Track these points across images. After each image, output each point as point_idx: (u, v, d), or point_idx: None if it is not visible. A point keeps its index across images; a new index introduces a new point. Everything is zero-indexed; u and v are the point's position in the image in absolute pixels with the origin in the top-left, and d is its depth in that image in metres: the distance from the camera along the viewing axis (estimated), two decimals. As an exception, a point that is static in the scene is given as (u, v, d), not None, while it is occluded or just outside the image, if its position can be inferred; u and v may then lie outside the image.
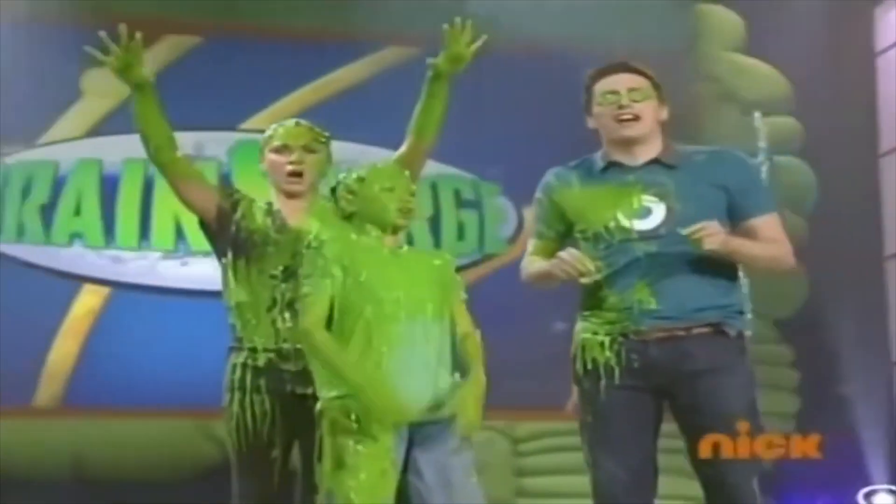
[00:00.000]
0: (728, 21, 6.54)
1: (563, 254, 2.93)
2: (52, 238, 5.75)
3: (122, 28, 2.95)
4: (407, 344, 2.74)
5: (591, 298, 3.01)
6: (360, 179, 2.84)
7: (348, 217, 2.86)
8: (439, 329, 2.79)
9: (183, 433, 5.66)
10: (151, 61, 5.91)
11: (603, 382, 2.96)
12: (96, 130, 5.97)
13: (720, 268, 2.96)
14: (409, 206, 2.83)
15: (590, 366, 2.99)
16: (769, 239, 3.00)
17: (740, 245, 2.95)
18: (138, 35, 2.96)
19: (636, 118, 2.98)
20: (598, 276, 2.93)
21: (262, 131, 3.25)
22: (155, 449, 5.55)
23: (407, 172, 2.91)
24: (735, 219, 3.01)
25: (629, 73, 3.02)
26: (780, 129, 6.52)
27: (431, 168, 6.17)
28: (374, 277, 2.76)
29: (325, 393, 2.76)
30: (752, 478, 2.91)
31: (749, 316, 6.05)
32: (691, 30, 6.49)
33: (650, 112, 2.99)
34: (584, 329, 3.02)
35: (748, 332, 3.04)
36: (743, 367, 2.96)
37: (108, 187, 5.88)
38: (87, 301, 5.75)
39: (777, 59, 6.44)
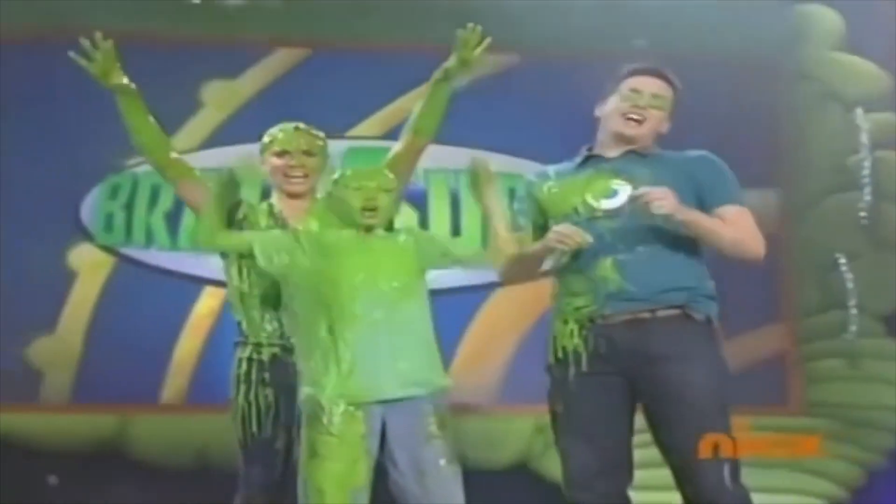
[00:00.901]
0: (828, 19, 6.53)
1: (557, 227, 2.96)
2: (177, 244, 6.00)
3: (98, 35, 3.07)
4: (366, 323, 2.81)
5: (562, 286, 3.04)
6: (335, 181, 2.99)
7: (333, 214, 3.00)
8: (411, 304, 2.87)
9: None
10: (266, 72, 6.24)
11: (572, 370, 2.97)
12: (213, 140, 6.22)
13: (688, 249, 2.96)
14: (374, 204, 2.91)
15: (560, 354, 3.01)
16: (735, 224, 3.02)
17: (697, 216, 2.94)
18: (110, 42, 3.08)
19: (641, 120, 3.05)
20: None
21: (371, 137, 3.38)
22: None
23: (390, 175, 3.01)
24: (703, 209, 3.02)
25: (661, 80, 3.10)
26: (882, 125, 6.49)
27: (535, 171, 6.31)
28: (338, 264, 2.86)
29: (303, 388, 2.89)
30: (723, 466, 2.87)
31: (854, 311, 6.14)
32: (792, 30, 6.50)
33: (655, 122, 3.08)
34: (556, 318, 3.04)
35: (713, 317, 3.00)
36: (709, 353, 2.94)
37: (228, 195, 6.13)
38: (208, 303, 5.96)
39: (877, 56, 6.42)
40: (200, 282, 5.99)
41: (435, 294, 2.99)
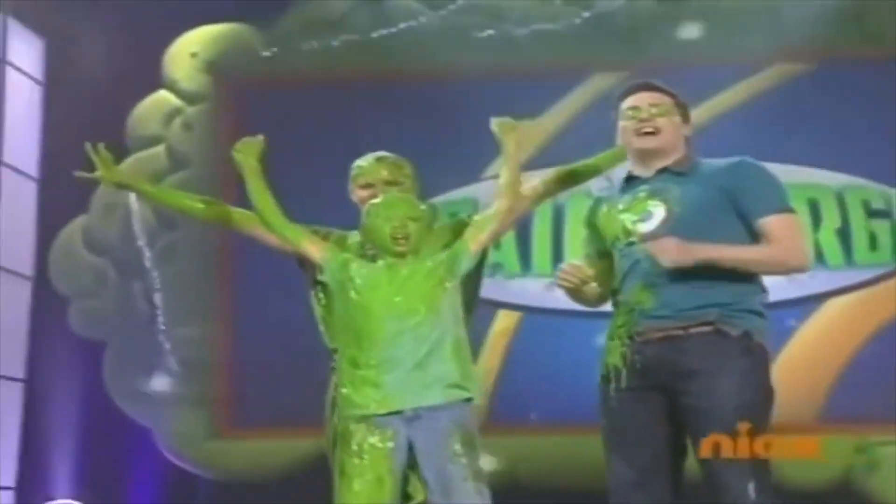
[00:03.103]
0: None
1: (561, 265, 3.14)
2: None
3: (89, 147, 3.30)
4: (393, 344, 2.96)
5: (613, 305, 3.13)
6: (367, 212, 3.10)
7: (364, 243, 3.12)
8: (439, 325, 2.99)
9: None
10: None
11: (612, 386, 3.05)
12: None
13: (726, 269, 2.96)
14: (404, 232, 3.03)
15: (604, 370, 3.08)
16: (774, 239, 2.98)
17: (715, 252, 2.95)
18: (101, 148, 3.30)
19: (655, 131, 3.07)
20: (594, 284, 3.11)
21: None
22: (575, 460, 5.79)
23: (418, 203, 3.11)
24: (745, 221, 3.01)
25: (652, 91, 3.12)
26: None
27: (836, 180, 6.12)
28: (368, 294, 3.01)
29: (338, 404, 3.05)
30: (748, 480, 2.88)
31: None
32: None
33: (670, 127, 3.08)
34: (606, 336, 3.12)
35: (753, 331, 2.97)
36: (739, 367, 2.94)
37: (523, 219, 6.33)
38: (504, 322, 6.19)
39: None
40: (495, 305, 6.17)
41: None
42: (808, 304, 6.02)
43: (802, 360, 5.96)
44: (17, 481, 6.48)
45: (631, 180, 3.17)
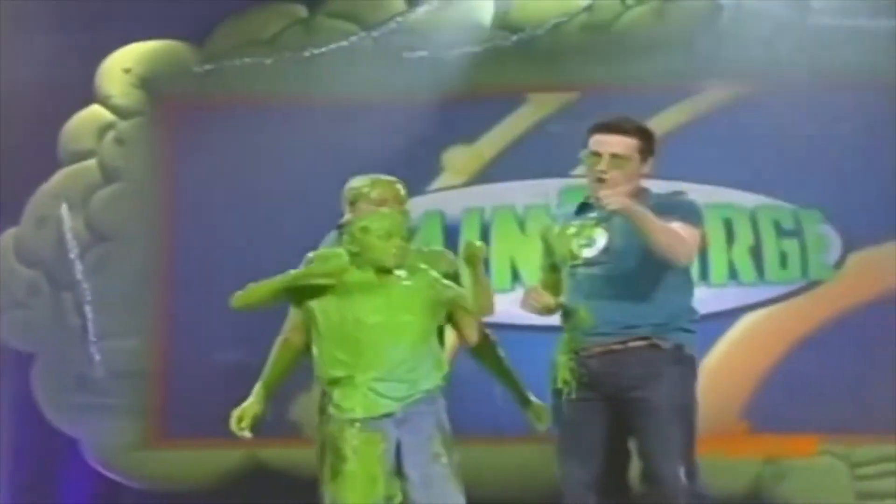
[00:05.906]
0: None
1: (527, 289, 3.42)
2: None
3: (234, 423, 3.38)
4: (383, 353, 3.14)
5: (562, 322, 3.41)
6: (363, 228, 3.18)
7: (353, 255, 3.21)
8: (417, 335, 3.18)
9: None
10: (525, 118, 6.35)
11: (564, 397, 3.35)
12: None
13: (661, 292, 3.31)
14: (403, 251, 3.18)
15: (555, 385, 3.38)
16: (677, 229, 3.30)
17: (641, 212, 3.23)
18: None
19: (608, 182, 3.34)
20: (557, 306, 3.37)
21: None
22: (512, 472, 6.02)
23: (405, 220, 3.24)
24: None
25: (619, 135, 3.36)
26: None
27: (750, 200, 6.36)
28: (359, 304, 3.15)
29: (329, 411, 3.19)
30: (678, 466, 3.23)
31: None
32: None
33: (623, 178, 3.34)
34: (556, 350, 3.40)
35: (685, 345, 3.31)
36: (672, 373, 3.29)
37: (451, 235, 6.47)
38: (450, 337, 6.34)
39: None
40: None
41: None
42: (722, 318, 6.23)
43: (721, 372, 6.11)
44: (-57, 492, 6.49)
45: (585, 207, 3.44)
